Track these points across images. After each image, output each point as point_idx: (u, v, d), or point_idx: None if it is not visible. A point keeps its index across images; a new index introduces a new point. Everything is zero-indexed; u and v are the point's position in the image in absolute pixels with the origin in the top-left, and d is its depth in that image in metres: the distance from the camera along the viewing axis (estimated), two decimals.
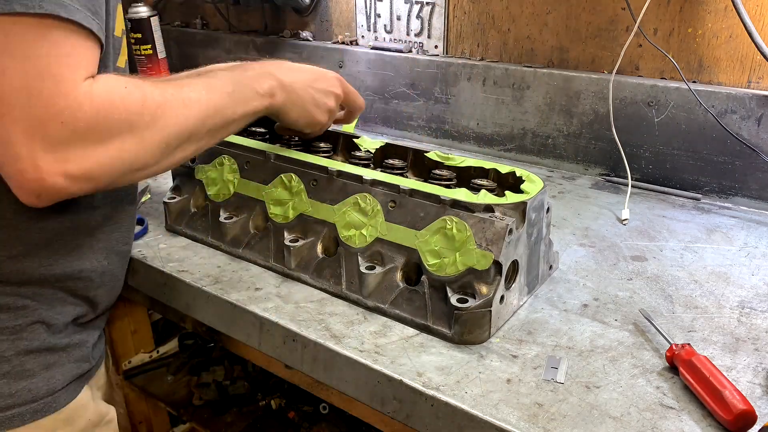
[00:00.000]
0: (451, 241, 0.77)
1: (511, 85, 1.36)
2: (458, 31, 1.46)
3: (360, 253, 0.84)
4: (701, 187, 1.20)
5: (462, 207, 0.78)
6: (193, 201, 1.04)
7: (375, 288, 0.83)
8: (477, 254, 0.75)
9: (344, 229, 0.86)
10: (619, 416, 0.64)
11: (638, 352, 0.74)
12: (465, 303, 0.75)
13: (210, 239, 1.01)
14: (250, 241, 0.96)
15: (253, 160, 0.97)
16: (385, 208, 0.83)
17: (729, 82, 1.16)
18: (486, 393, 0.68)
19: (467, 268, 0.75)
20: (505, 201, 0.78)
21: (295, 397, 1.34)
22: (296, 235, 0.91)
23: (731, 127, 1.13)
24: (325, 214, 0.88)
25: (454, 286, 0.77)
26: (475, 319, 0.75)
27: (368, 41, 1.60)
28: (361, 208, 0.85)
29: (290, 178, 0.92)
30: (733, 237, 1.03)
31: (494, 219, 0.75)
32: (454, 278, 0.77)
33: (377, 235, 0.83)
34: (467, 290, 0.76)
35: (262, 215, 0.96)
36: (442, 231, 0.78)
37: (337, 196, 0.88)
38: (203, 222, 1.02)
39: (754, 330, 0.79)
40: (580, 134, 1.31)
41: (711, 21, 1.15)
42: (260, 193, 0.95)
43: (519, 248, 0.79)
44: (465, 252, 0.76)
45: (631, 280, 0.90)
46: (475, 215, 0.76)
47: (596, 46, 1.29)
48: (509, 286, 0.79)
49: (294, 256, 0.90)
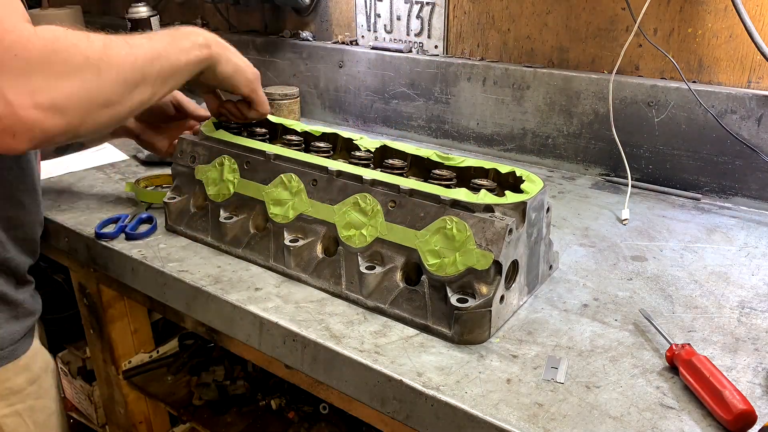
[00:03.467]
0: (451, 241, 0.77)
1: (511, 85, 1.36)
2: (458, 31, 1.46)
3: (360, 253, 0.84)
4: (701, 187, 1.19)
5: (462, 207, 0.78)
6: (193, 201, 1.04)
7: (375, 288, 0.83)
8: (477, 254, 0.75)
9: (344, 229, 0.86)
10: (619, 416, 0.64)
11: (638, 352, 0.74)
12: (465, 303, 0.75)
13: (210, 239, 1.00)
14: (251, 241, 0.96)
15: (253, 160, 0.97)
16: (385, 208, 0.83)
17: (729, 82, 1.16)
18: (486, 393, 0.67)
19: (467, 268, 0.75)
20: (505, 201, 0.78)
21: (295, 397, 1.34)
22: (296, 235, 0.91)
23: (731, 127, 1.13)
24: (325, 214, 0.88)
25: (454, 286, 0.77)
26: (475, 319, 0.75)
27: (368, 41, 1.60)
28: (361, 208, 0.85)
29: (290, 178, 0.92)
30: (733, 237, 1.03)
31: (494, 219, 0.75)
32: (454, 278, 0.77)
33: (377, 235, 0.83)
34: (467, 290, 0.76)
35: (262, 215, 0.96)
36: (442, 231, 0.78)
37: (337, 196, 0.88)
38: (203, 222, 1.02)
39: (754, 330, 0.79)
40: (580, 134, 1.31)
41: (711, 21, 1.15)
42: (260, 193, 0.95)
43: (519, 248, 0.79)
44: (465, 252, 0.76)
45: (631, 280, 0.90)
46: (475, 215, 0.77)
47: (596, 46, 1.29)
48: (509, 286, 0.79)
49: (294, 256, 0.90)
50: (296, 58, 1.71)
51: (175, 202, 1.04)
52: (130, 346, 1.31)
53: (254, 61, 1.79)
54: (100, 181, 1.27)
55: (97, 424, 1.56)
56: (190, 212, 1.04)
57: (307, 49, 1.69)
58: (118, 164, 1.37)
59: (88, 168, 1.34)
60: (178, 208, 1.05)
